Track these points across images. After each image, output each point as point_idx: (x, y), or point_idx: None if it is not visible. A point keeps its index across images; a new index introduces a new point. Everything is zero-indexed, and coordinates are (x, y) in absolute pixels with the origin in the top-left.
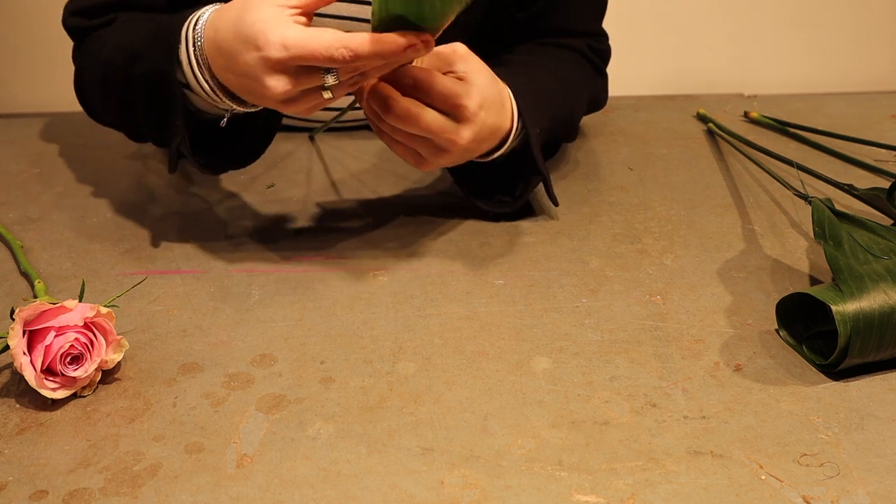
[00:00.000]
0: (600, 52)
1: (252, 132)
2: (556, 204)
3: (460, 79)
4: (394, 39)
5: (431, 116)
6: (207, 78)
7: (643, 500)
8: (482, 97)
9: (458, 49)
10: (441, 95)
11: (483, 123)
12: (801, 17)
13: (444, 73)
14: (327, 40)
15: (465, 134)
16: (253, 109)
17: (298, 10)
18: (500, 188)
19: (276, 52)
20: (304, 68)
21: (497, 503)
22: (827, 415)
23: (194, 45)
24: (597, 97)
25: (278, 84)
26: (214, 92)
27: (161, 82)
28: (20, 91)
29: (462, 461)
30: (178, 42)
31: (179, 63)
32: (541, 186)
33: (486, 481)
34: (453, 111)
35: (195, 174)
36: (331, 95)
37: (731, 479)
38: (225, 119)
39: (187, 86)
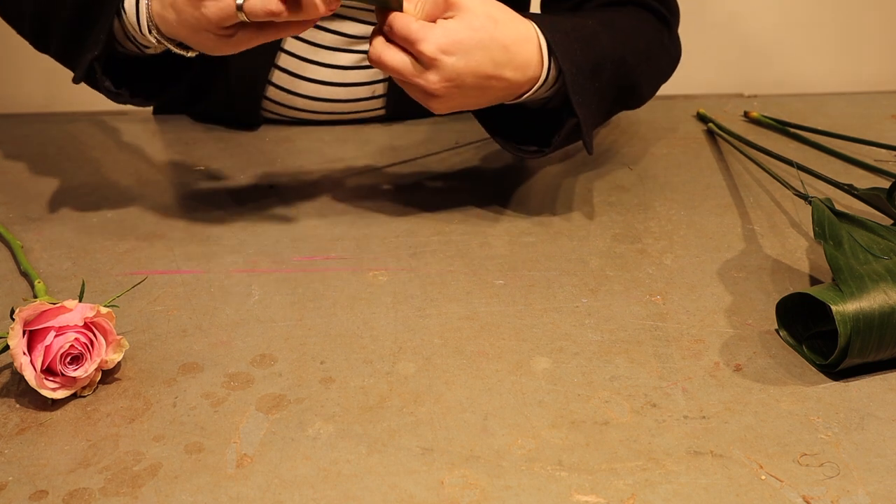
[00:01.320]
0: (666, 2)
1: (162, 73)
2: (589, 152)
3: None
4: None
5: (392, 58)
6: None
7: (643, 500)
8: (449, 41)
9: None
10: (401, 39)
11: (453, 68)
12: (801, 17)
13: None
14: None
15: (431, 78)
16: (156, 51)
17: None
18: (536, 137)
19: None
20: None
21: (497, 503)
22: (827, 415)
23: None
24: (668, 50)
25: None
26: (149, 22)
27: None
28: (20, 91)
29: (462, 461)
30: None
31: None
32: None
33: (486, 481)
34: (416, 55)
35: (197, 175)
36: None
37: (731, 479)
38: (151, 45)
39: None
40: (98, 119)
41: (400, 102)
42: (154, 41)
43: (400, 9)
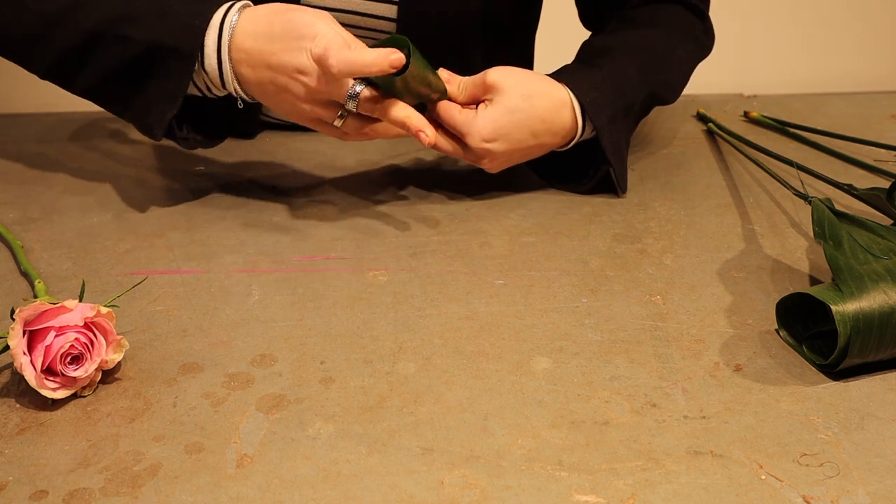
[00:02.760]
0: None
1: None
2: (622, 190)
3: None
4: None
5: (446, 147)
6: (228, 68)
7: (643, 500)
8: (489, 130)
9: (487, 79)
10: (455, 131)
11: (498, 150)
12: (801, 17)
13: (479, 101)
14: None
15: (483, 161)
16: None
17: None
18: (577, 173)
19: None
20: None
21: (497, 503)
22: (827, 415)
23: (226, 32)
24: (700, 42)
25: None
26: (234, 81)
27: (170, 57)
28: (20, 91)
29: (462, 461)
30: (206, 27)
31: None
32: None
33: (486, 481)
34: (464, 146)
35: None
36: (340, 124)
37: (731, 479)
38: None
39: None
40: (98, 119)
41: None
42: (241, 95)
43: (445, 94)
